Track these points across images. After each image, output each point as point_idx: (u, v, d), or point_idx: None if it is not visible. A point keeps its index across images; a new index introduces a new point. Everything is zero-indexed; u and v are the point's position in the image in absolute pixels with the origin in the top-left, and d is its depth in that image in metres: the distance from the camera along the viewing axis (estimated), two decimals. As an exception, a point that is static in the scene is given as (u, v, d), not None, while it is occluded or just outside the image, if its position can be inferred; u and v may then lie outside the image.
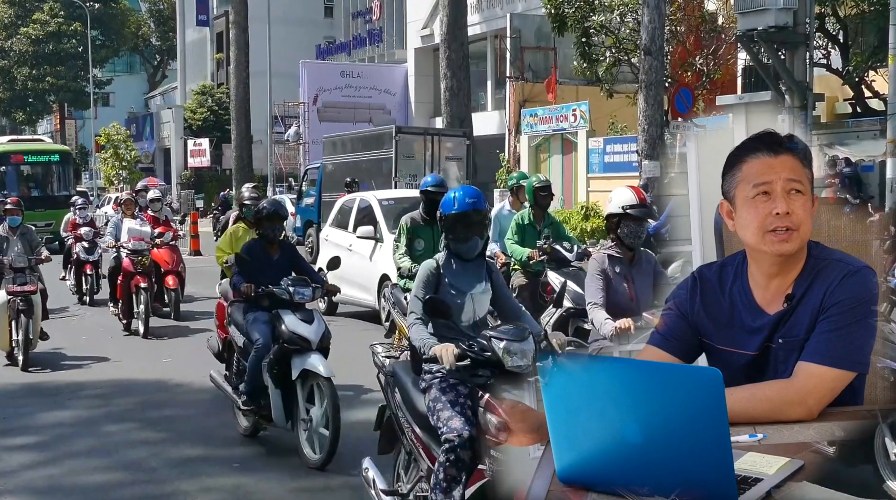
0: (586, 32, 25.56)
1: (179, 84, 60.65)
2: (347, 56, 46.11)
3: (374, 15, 44.85)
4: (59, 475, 6.90)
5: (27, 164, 29.99)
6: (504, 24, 33.73)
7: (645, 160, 20.19)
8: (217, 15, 53.84)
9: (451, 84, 27.37)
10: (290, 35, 47.84)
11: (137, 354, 11.60)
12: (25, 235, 11.65)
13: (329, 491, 6.40)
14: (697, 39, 26.08)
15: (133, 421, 8.39)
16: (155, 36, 68.73)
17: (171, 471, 6.87)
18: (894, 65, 18.72)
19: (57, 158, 30.46)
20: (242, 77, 37.31)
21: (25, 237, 11.60)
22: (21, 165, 29.76)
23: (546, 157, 30.04)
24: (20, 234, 11.60)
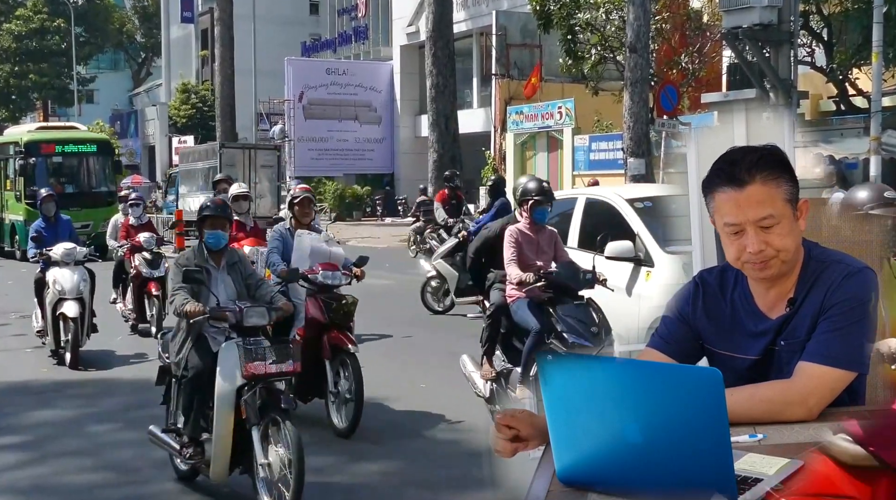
0: (572, 30, 25.57)
1: (164, 81, 60.45)
2: (333, 53, 46.03)
3: (359, 12, 44.76)
4: (43, 476, 6.85)
5: (60, 155, 25.51)
6: (490, 22, 33.74)
7: (630, 158, 20.22)
8: (202, 12, 53.67)
9: (437, 81, 27.39)
10: (276, 32, 47.74)
11: (122, 353, 11.54)
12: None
13: (313, 489, 6.35)
14: (683, 37, 26.14)
15: (118, 422, 8.34)
16: (139, 33, 68.46)
17: (156, 472, 6.82)
18: (878, 63, 18.80)
19: (94, 149, 26.00)
20: (227, 74, 37.22)
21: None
22: (52, 156, 25.32)
23: (532, 154, 30.07)
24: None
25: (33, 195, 22.76)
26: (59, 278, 10.69)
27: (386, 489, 6.45)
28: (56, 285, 10.71)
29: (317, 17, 53.20)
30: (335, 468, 6.82)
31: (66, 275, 10.70)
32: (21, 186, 24.39)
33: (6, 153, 25.89)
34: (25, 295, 16.60)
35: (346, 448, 7.26)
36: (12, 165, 25.35)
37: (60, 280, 10.68)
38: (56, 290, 10.70)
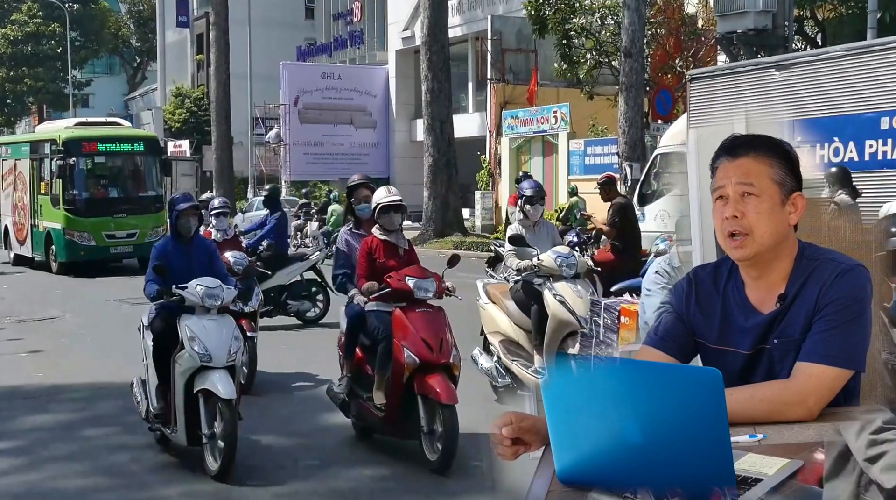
0: (567, 35, 25.63)
1: (159, 85, 60.35)
2: (328, 58, 46.06)
3: (354, 17, 44.79)
4: (37, 481, 6.81)
5: (102, 154, 22.44)
6: (485, 27, 33.79)
7: (625, 162, 20.26)
8: (197, 16, 53.65)
9: (432, 86, 27.40)
10: (271, 37, 47.75)
11: (117, 357, 11.49)
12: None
13: (308, 495, 6.35)
14: (678, 42, 26.19)
15: (113, 425, 8.30)
16: (135, 37, 68.41)
17: (151, 476, 6.81)
18: (872, 68, 18.82)
19: (141, 147, 22.78)
20: (223, 79, 37.24)
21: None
22: (94, 155, 22.33)
23: (527, 159, 30.09)
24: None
25: (73, 200, 21.44)
26: (198, 334, 6.85)
27: (382, 495, 6.44)
28: (194, 345, 6.79)
29: (312, 21, 53.22)
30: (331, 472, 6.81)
31: (211, 330, 6.91)
32: (59, 190, 21.55)
33: (40, 153, 23.01)
34: (19, 299, 16.60)
35: (339, 454, 7.25)
36: (48, 165, 22.42)
37: (202, 337, 6.83)
38: (195, 352, 6.78)
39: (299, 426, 8.04)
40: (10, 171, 24.80)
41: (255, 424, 7.80)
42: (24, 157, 23.81)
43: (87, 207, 21.55)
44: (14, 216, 24.30)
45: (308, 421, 8.21)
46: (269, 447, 7.44)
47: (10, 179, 24.78)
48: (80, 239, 21.26)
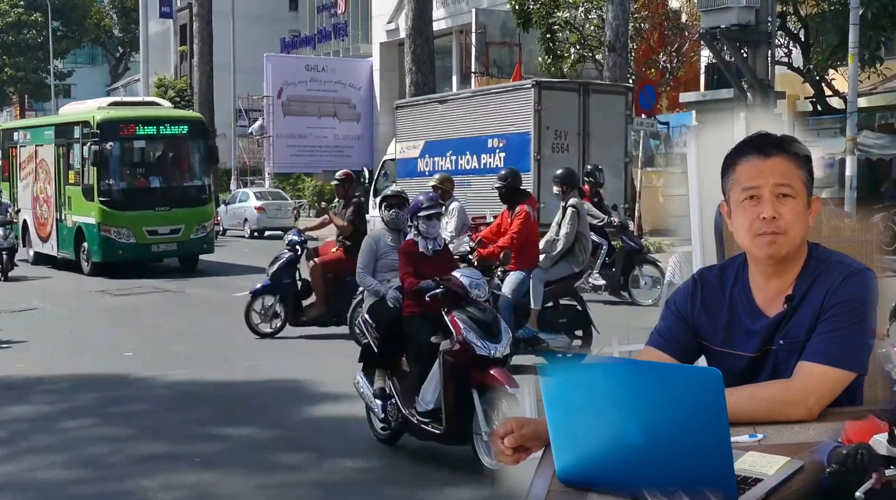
0: (551, 29, 25.65)
1: (142, 76, 59.68)
2: (312, 50, 45.93)
3: (339, 9, 44.68)
4: (15, 472, 6.73)
5: (143, 138, 19.67)
6: (469, 20, 33.75)
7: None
8: (180, 7, 53.36)
9: (417, 79, 27.34)
10: (255, 28, 47.52)
11: (98, 348, 11.42)
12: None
13: (292, 487, 6.31)
14: (661, 37, 26.29)
15: (93, 417, 8.24)
16: (117, 27, 68.05)
17: (132, 467, 6.73)
18: (854, 64, 18.95)
19: (185, 130, 19.76)
20: (206, 70, 37.05)
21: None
22: (133, 139, 19.44)
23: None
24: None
25: (109, 191, 18.46)
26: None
27: (365, 488, 6.40)
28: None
29: (296, 13, 53.05)
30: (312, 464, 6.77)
31: None
32: (93, 179, 18.62)
33: (68, 137, 20.17)
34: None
35: (323, 447, 7.20)
36: (78, 151, 19.63)
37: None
38: None
39: (283, 419, 7.99)
40: (29, 158, 21.80)
41: (237, 416, 7.74)
42: (47, 142, 20.92)
43: (126, 200, 18.75)
44: (35, 209, 21.38)
45: (291, 414, 8.16)
46: (252, 438, 7.39)
47: (29, 167, 21.82)
48: (117, 236, 18.46)
